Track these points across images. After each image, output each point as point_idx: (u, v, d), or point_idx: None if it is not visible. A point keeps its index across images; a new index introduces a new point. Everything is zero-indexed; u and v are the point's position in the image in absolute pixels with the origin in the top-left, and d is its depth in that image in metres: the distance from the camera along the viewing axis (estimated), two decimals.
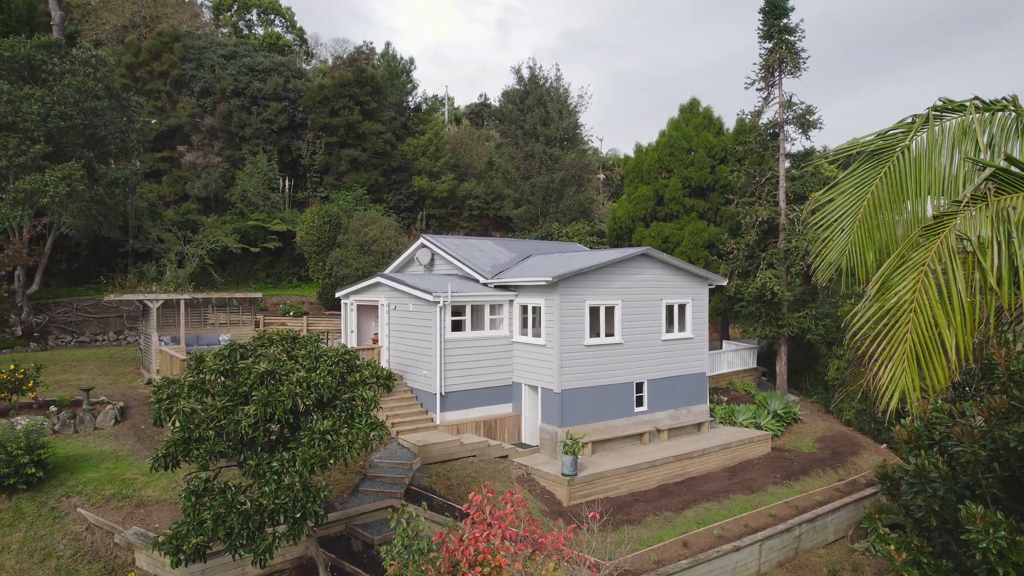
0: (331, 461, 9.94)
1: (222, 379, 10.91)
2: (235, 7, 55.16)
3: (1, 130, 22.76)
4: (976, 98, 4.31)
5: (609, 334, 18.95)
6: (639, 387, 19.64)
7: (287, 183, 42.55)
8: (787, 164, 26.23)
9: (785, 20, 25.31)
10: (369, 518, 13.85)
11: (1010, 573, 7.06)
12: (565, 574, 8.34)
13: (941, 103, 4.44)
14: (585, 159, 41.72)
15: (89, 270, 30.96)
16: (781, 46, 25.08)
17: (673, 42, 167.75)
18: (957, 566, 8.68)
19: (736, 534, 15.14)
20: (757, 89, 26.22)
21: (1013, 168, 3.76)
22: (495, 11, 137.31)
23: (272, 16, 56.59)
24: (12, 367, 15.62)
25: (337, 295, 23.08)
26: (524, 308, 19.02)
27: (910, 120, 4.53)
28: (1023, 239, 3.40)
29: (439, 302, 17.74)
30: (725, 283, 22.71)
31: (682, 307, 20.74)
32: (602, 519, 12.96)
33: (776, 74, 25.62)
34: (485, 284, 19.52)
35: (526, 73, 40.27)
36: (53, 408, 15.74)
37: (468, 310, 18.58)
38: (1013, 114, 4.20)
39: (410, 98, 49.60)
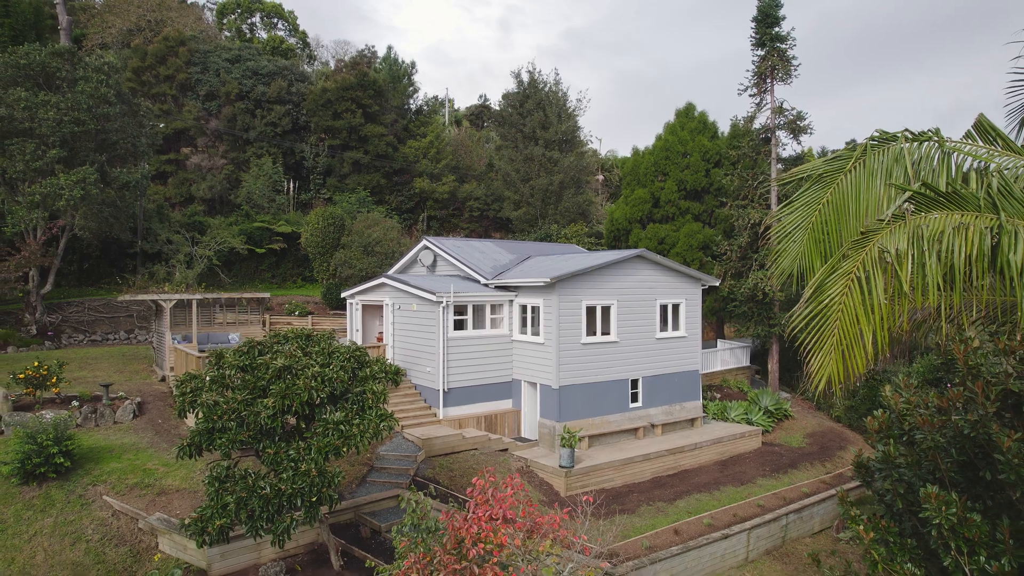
0: (344, 449, 10.73)
1: (241, 374, 11.66)
2: (239, 11, 55.91)
3: (18, 136, 23.52)
4: (906, 130, 5.05)
5: (605, 333, 19.71)
6: (634, 384, 20.41)
7: (291, 185, 43.33)
8: (779, 168, 27.01)
9: (777, 29, 26.09)
10: (377, 506, 14.63)
11: (961, 547, 7.85)
12: (561, 550, 9.10)
13: (879, 134, 5.19)
14: (584, 162, 42.52)
15: (99, 271, 31.76)
16: (773, 54, 25.85)
17: (674, 41, 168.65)
18: (920, 544, 9.47)
19: (725, 523, 15.90)
20: (750, 95, 27.03)
21: (927, 191, 4.51)
22: (497, 10, 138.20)
23: (275, 20, 57.35)
24: (36, 364, 16.40)
25: (343, 295, 23.85)
26: (523, 308, 19.80)
27: (852, 148, 5.29)
28: (932, 251, 4.16)
29: (442, 302, 18.52)
30: (718, 284, 23.47)
31: (676, 307, 21.50)
32: (598, 509, 13.73)
33: (768, 81, 26.40)
34: (486, 285, 20.29)
35: (525, 77, 41.09)
36: (75, 403, 16.53)
37: (470, 310, 19.35)
38: (936, 144, 4.95)
39: (411, 101, 50.38)
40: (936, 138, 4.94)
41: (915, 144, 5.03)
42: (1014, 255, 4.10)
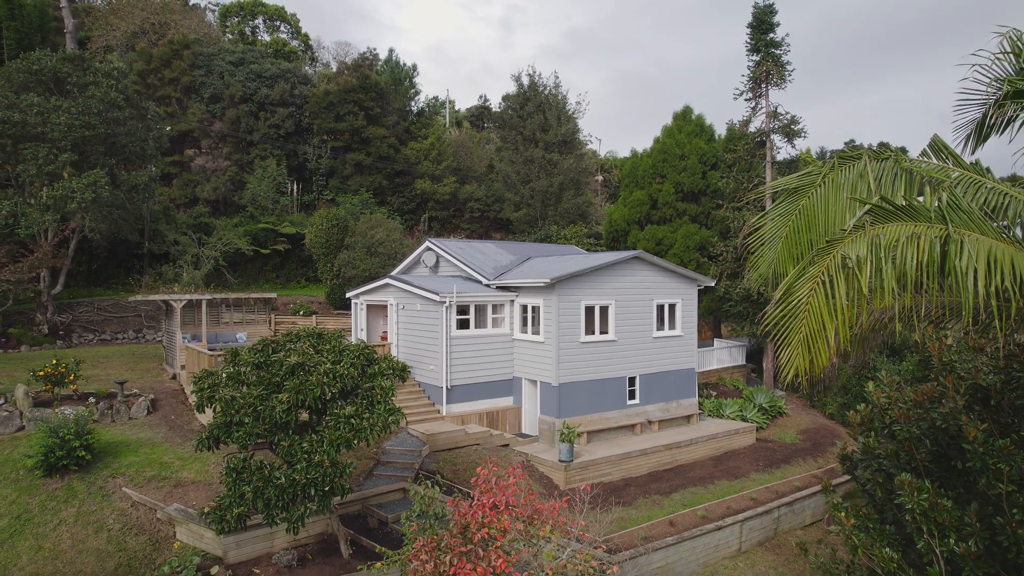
0: (355, 442, 11.32)
1: (257, 371, 12.25)
2: (241, 14, 56.46)
3: (31, 140, 24.09)
4: (870, 147, 5.60)
5: (603, 332, 20.30)
6: (631, 381, 21.00)
7: (294, 187, 43.92)
8: (774, 170, 27.59)
9: (771, 35, 26.67)
10: (384, 499, 15.22)
11: (932, 530, 8.45)
12: (560, 536, 9.69)
13: (847, 151, 5.75)
14: (583, 163, 43.13)
15: (108, 271, 32.36)
16: (768, 59, 26.43)
17: (675, 41, 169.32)
18: (899, 530, 10.08)
19: (719, 515, 16.47)
20: (746, 100, 27.62)
21: (885, 204, 5.08)
22: (498, 10, 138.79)
23: (278, 22, 57.90)
24: (54, 362, 16.99)
25: (348, 295, 24.43)
26: (524, 307, 20.38)
27: (822, 164, 5.86)
28: (888, 257, 4.73)
29: (445, 302, 19.10)
30: (713, 284, 24.04)
31: (672, 307, 22.09)
32: (595, 500, 14.31)
33: (763, 85, 26.98)
34: (487, 285, 20.88)
35: (526, 80, 41.70)
36: (92, 399, 17.12)
37: (472, 309, 19.94)
38: (895, 161, 5.53)
39: (413, 103, 50.96)
40: (895, 156, 5.53)
41: (877, 161, 5.61)
42: (959, 262, 4.67)
